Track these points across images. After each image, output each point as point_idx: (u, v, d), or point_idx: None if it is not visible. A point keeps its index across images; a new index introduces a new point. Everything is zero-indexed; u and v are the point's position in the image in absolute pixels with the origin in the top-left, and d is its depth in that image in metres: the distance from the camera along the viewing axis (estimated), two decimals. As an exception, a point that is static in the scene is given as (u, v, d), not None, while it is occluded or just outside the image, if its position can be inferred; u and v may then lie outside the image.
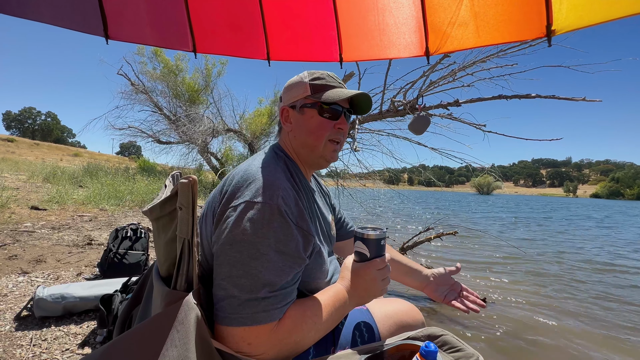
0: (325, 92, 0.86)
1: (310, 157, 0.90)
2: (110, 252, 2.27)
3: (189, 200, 0.63)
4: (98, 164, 12.02)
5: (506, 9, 0.93)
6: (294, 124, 0.89)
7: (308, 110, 0.87)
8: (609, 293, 3.49)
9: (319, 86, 0.87)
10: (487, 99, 2.39)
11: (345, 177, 5.24)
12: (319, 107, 0.86)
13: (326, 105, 0.86)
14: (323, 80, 0.87)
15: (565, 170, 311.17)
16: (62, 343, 1.46)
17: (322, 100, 0.85)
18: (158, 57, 11.92)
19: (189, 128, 9.84)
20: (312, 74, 0.89)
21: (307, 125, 0.87)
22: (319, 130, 0.86)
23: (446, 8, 1.04)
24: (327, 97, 0.85)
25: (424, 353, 0.67)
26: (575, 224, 12.65)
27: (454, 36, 1.06)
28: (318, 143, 0.87)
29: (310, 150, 0.88)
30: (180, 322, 0.59)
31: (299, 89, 0.88)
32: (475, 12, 0.97)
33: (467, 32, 1.02)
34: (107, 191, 6.45)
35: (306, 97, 0.87)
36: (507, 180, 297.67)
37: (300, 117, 0.88)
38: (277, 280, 0.65)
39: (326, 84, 0.87)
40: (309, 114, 0.87)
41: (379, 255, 0.80)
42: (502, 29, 0.97)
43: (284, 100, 0.92)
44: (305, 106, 0.87)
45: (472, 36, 1.02)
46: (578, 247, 6.79)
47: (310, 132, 0.87)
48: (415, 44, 1.17)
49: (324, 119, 0.86)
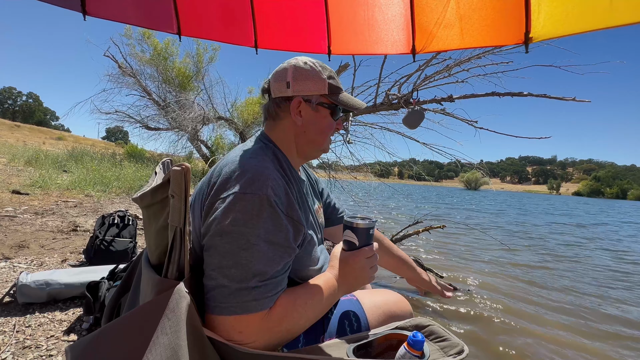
0: (339, 94, 0.87)
1: (311, 152, 0.92)
2: (97, 239, 2.23)
3: (181, 188, 0.62)
4: (83, 149, 11.66)
5: (489, 14, 0.98)
6: (306, 119, 0.86)
7: (323, 109, 0.87)
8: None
9: (334, 87, 0.87)
10: (480, 95, 2.41)
11: (337, 169, 5.25)
12: (334, 109, 0.88)
13: (337, 107, 0.88)
14: (335, 81, 0.88)
15: (551, 168, 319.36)
16: (46, 330, 1.44)
17: (340, 104, 0.87)
18: (147, 40, 11.52)
19: (178, 114, 9.62)
20: (324, 68, 0.87)
21: (320, 125, 0.87)
22: (328, 130, 0.89)
23: (433, 8, 1.07)
24: (347, 103, 0.87)
25: (411, 342, 0.69)
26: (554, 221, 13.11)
27: (440, 36, 1.09)
28: (324, 141, 0.90)
29: (315, 146, 0.90)
30: (172, 310, 0.58)
31: (316, 83, 0.84)
32: (461, 14, 1.01)
33: (452, 33, 1.06)
34: (93, 177, 6.29)
35: (322, 96, 0.86)
36: (494, 176, 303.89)
37: (314, 114, 0.86)
38: (268, 270, 0.66)
39: (338, 86, 0.88)
40: (323, 114, 0.87)
41: (368, 244, 0.82)
42: (484, 33, 1.02)
43: (294, 88, 0.83)
44: (322, 105, 0.86)
45: (457, 38, 1.06)
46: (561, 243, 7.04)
47: (321, 131, 0.88)
48: (402, 42, 1.18)
49: (333, 120, 0.89)
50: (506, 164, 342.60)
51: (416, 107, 2.20)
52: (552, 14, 0.84)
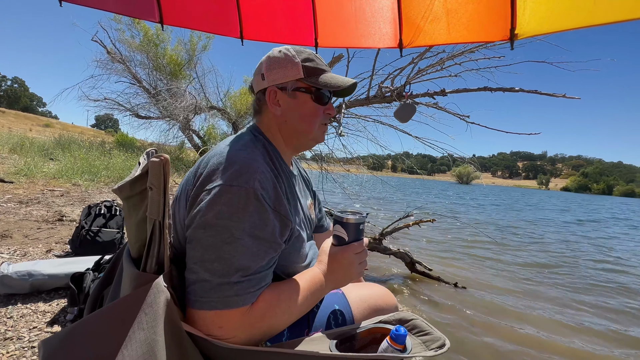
0: (319, 76, 0.82)
1: (300, 141, 0.87)
2: (82, 229, 2.19)
3: (160, 180, 0.60)
4: (71, 136, 11.34)
5: (475, 10, 0.97)
6: (284, 108, 0.83)
7: (301, 95, 0.82)
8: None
9: (312, 69, 0.82)
10: (472, 90, 2.41)
11: (330, 161, 5.23)
12: (313, 93, 0.82)
13: (320, 90, 0.82)
14: (314, 63, 0.82)
15: (541, 163, 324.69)
16: (29, 321, 1.42)
17: (319, 86, 0.81)
18: (137, 25, 11.16)
19: (169, 103, 9.42)
20: (300, 52, 0.83)
21: (300, 111, 0.83)
22: (313, 116, 0.83)
23: (421, 2, 1.05)
24: (326, 83, 0.81)
25: (394, 336, 0.69)
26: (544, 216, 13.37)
27: (427, 31, 1.08)
28: (311, 128, 0.85)
29: (302, 135, 0.85)
30: (149, 304, 0.57)
31: (289, 69, 0.81)
32: (448, 9, 1.01)
33: (439, 27, 1.06)
34: (81, 165, 6.14)
35: (299, 80, 0.81)
36: (486, 171, 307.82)
37: (291, 101, 0.83)
38: (251, 265, 0.64)
39: (317, 67, 0.83)
40: (302, 99, 0.82)
41: (357, 240, 0.81)
42: (470, 28, 1.02)
43: (268, 78, 0.83)
44: (298, 90, 0.82)
45: (444, 32, 1.05)
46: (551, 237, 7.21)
47: (303, 118, 0.83)
48: (389, 35, 1.16)
49: (318, 105, 0.83)
50: (498, 158, 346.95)
51: (408, 100, 2.18)
52: (537, 11, 0.85)
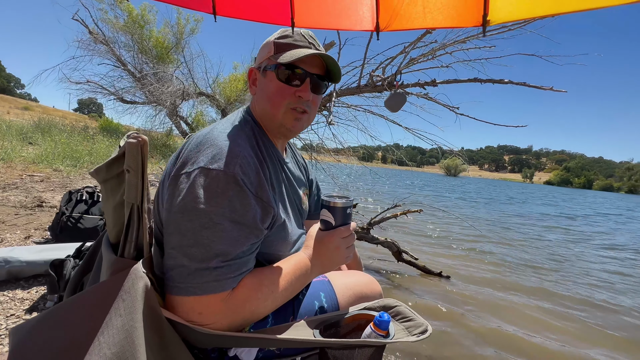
0: (286, 52, 0.76)
1: (271, 125, 0.82)
2: (63, 215, 2.12)
3: (137, 163, 0.58)
4: (52, 120, 10.89)
5: None
6: (258, 88, 0.82)
7: (269, 73, 0.78)
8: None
9: (283, 45, 0.77)
10: (463, 80, 2.41)
11: (320, 151, 5.20)
12: (277, 70, 0.76)
13: (286, 68, 0.75)
14: (289, 39, 0.78)
15: (526, 157, 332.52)
16: (6, 308, 1.37)
17: (278, 61, 0.75)
18: (120, 5, 10.66)
19: (156, 88, 9.11)
20: (284, 31, 0.80)
21: (266, 90, 0.79)
22: (277, 96, 0.76)
23: None
24: (284, 57, 0.74)
25: (377, 322, 0.70)
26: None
27: (403, 14, 1.07)
28: (275, 111, 0.77)
29: (269, 118, 0.80)
30: (127, 291, 0.55)
31: (265, 48, 0.80)
32: None
33: (416, 11, 1.06)
34: (62, 150, 5.93)
35: (269, 58, 0.78)
36: (473, 163, 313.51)
37: (263, 80, 0.80)
38: (232, 250, 0.63)
39: (292, 43, 0.77)
40: (269, 77, 0.78)
41: (345, 224, 0.81)
42: (445, 13, 1.01)
43: (256, 61, 0.85)
44: (267, 68, 0.79)
45: (420, 16, 1.05)
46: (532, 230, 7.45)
47: (268, 97, 0.78)
48: (367, 18, 1.14)
49: (283, 84, 0.76)
50: (485, 152, 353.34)
51: (399, 90, 2.17)
52: None
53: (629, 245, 6.66)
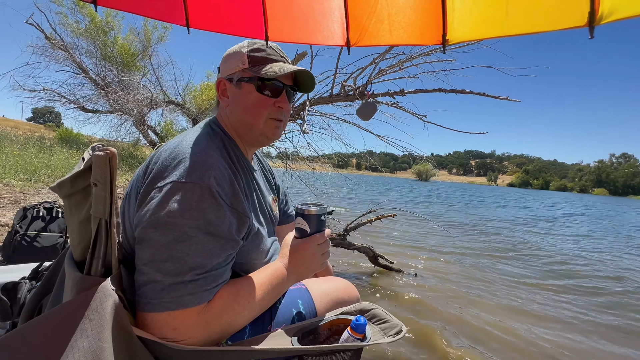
0: (265, 65, 0.79)
1: (250, 135, 0.84)
2: (17, 234, 1.95)
3: (105, 176, 0.56)
4: (2, 131, 10.02)
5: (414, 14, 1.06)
6: (231, 99, 0.83)
7: (246, 85, 0.80)
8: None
9: (258, 58, 0.80)
10: (429, 90, 2.56)
11: (295, 159, 5.22)
12: (257, 83, 0.79)
13: (266, 81, 0.79)
14: (263, 53, 0.81)
15: (490, 161, 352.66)
16: (-52, 340, 1.23)
17: (261, 75, 0.78)
18: (82, 9, 10.15)
19: (121, 96, 8.69)
20: (253, 44, 0.82)
21: (244, 102, 0.80)
22: (257, 107, 0.80)
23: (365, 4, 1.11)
24: (266, 72, 0.78)
25: (354, 326, 0.72)
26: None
27: (371, 31, 1.13)
28: (256, 121, 0.81)
29: (248, 128, 0.82)
30: (94, 310, 0.53)
31: (236, 60, 0.81)
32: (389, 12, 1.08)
33: (382, 29, 1.12)
34: (14, 163, 5.47)
35: (244, 70, 0.80)
36: (442, 168, 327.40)
37: (237, 91, 0.81)
38: (207, 262, 0.62)
39: (266, 57, 0.81)
40: (246, 89, 0.80)
41: (319, 231, 0.82)
42: (410, 32, 1.09)
43: (221, 71, 0.85)
44: (242, 80, 0.80)
45: (387, 34, 1.13)
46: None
47: (247, 109, 0.80)
48: (338, 34, 1.19)
49: (263, 96, 0.80)
50: (453, 157, 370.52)
51: (370, 99, 2.25)
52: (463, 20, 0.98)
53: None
